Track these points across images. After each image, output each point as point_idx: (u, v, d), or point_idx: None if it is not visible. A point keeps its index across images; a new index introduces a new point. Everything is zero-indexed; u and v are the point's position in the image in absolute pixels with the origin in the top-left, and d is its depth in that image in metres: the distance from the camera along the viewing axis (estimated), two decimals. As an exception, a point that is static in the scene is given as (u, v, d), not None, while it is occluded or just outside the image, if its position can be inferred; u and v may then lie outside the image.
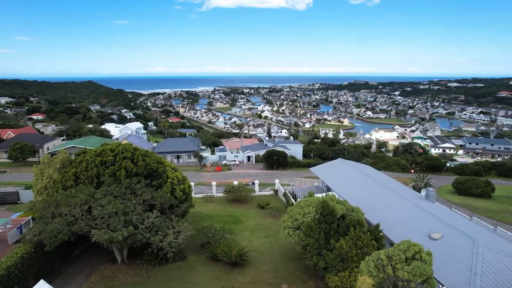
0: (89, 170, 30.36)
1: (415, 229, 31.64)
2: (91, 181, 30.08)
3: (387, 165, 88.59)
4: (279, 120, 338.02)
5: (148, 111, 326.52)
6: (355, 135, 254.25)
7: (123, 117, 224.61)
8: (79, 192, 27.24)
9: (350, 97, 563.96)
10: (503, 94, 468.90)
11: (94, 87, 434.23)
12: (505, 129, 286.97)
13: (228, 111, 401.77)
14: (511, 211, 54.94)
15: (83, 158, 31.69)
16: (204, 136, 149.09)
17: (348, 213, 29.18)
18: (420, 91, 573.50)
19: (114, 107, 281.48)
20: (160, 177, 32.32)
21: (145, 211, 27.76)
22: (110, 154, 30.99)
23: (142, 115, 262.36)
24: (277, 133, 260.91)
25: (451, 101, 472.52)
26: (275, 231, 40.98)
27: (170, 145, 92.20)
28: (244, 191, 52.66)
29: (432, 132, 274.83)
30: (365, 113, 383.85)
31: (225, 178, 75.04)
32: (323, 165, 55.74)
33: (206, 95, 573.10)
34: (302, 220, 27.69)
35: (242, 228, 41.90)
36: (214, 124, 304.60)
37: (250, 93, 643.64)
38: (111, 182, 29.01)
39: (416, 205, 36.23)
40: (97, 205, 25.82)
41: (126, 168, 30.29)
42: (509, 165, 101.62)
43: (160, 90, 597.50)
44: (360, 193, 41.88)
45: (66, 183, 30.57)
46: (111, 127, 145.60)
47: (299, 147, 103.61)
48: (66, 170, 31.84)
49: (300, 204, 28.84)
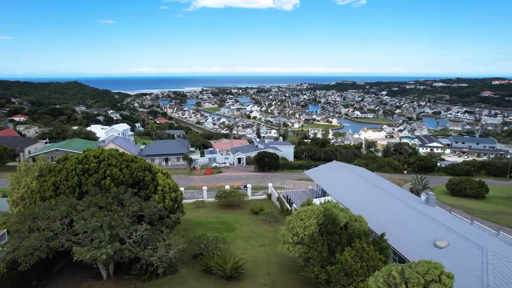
0: (69, 179, 27.87)
1: (419, 237, 30.23)
2: (72, 191, 27.61)
3: (379, 166, 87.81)
4: (268, 120, 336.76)
5: (135, 112, 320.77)
6: (344, 135, 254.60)
7: (109, 119, 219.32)
8: (59, 204, 24.81)
9: (338, 97, 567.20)
10: (486, 93, 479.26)
11: (80, 87, 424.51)
12: (489, 128, 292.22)
13: (217, 111, 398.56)
14: (506, 212, 54.42)
15: (63, 166, 29.16)
16: (193, 138, 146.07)
17: (351, 223, 27.50)
18: (406, 91, 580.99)
19: (100, 108, 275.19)
20: (147, 187, 30.00)
21: (133, 223, 25.49)
22: (93, 161, 28.56)
23: (129, 116, 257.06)
24: (266, 134, 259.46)
25: (437, 101, 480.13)
26: (271, 239, 39.18)
27: (158, 148, 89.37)
28: (236, 195, 50.62)
29: (420, 132, 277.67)
30: (353, 113, 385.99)
31: (216, 181, 72.85)
32: (317, 168, 54.14)
33: (194, 95, 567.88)
34: (303, 234, 25.85)
35: (236, 236, 39.88)
36: (202, 125, 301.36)
37: (239, 93, 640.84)
38: (96, 192, 26.62)
39: (418, 210, 34.88)
40: (80, 218, 23.46)
41: (113, 176, 27.93)
42: (498, 164, 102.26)
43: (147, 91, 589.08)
44: (358, 198, 40.38)
45: (44, 193, 28.02)
46: (97, 129, 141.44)
47: (290, 148, 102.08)
48: (45, 179, 29.26)
49: (300, 215, 27.00)
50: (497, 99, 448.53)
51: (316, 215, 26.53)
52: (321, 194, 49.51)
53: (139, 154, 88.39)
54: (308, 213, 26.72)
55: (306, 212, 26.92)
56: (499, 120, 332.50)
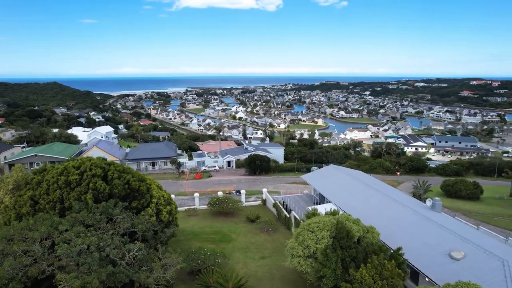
0: (50, 192, 24.73)
1: (432, 247, 28.48)
2: (53, 206, 24.48)
3: (371, 167, 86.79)
4: (253, 121, 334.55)
5: (118, 113, 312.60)
6: (331, 135, 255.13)
7: (91, 120, 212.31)
8: (39, 223, 21.72)
9: (322, 97, 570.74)
10: (465, 93, 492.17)
11: (60, 88, 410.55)
12: (470, 127, 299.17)
13: (202, 112, 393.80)
14: (503, 214, 53.80)
15: (42, 178, 25.98)
16: (179, 140, 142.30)
17: (364, 235, 25.44)
18: (389, 91, 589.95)
19: (82, 110, 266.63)
20: (143, 197, 27.13)
21: (125, 242, 22.63)
22: (74, 172, 25.47)
23: (112, 118, 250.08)
24: (252, 135, 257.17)
25: (419, 101, 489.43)
26: (271, 250, 36.87)
27: (144, 151, 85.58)
28: (230, 202, 48.03)
29: (404, 131, 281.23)
30: (338, 113, 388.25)
31: (206, 186, 69.96)
32: (314, 173, 52.14)
33: (178, 96, 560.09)
34: (315, 247, 23.60)
35: (233, 247, 37.34)
36: (187, 126, 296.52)
37: (223, 93, 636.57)
38: (81, 207, 23.60)
39: (426, 217, 33.25)
40: (62, 240, 20.47)
41: (96, 189, 24.90)
42: (485, 164, 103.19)
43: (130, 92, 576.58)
44: (361, 204, 38.52)
45: (20, 209, 24.77)
46: (79, 132, 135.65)
47: (280, 150, 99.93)
48: (21, 193, 25.97)
49: (310, 227, 24.74)
50: (475, 98, 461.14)
51: (328, 228, 24.33)
52: (318, 200, 47.52)
53: (124, 158, 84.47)
54: (320, 225, 24.49)
55: (318, 224, 24.68)
56: (478, 119, 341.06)
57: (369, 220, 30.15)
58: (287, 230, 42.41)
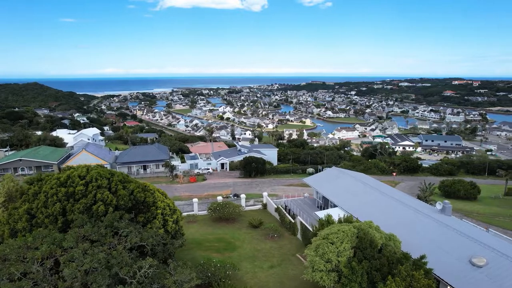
0: (49, 205, 22.58)
1: (451, 254, 27.56)
2: (53, 220, 22.34)
3: (366, 167, 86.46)
4: (241, 121, 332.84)
5: (103, 114, 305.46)
6: (319, 135, 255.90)
7: (76, 122, 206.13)
8: (38, 240, 19.65)
9: (309, 97, 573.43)
10: (448, 93, 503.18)
11: (41, 89, 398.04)
12: (454, 126, 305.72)
13: (189, 113, 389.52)
14: (503, 214, 53.94)
15: (39, 189, 23.78)
16: (169, 142, 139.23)
17: (386, 243, 24.28)
18: (374, 91, 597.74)
19: (65, 111, 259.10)
20: (148, 210, 25.22)
21: (134, 258, 20.76)
22: (79, 183, 23.40)
23: (97, 119, 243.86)
24: (241, 135, 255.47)
25: (404, 100, 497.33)
26: (279, 258, 35.42)
27: (135, 154, 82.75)
28: (231, 207, 46.37)
29: (391, 130, 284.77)
30: (325, 113, 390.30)
31: (202, 190, 67.95)
32: (317, 175, 50.97)
33: (164, 96, 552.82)
34: (337, 260, 22.27)
35: (239, 256, 35.72)
36: (174, 127, 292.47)
37: (210, 94, 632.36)
38: (85, 221, 21.58)
39: (439, 221, 32.44)
40: (68, 259, 18.49)
41: (104, 201, 22.93)
42: (476, 163, 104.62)
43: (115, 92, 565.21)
44: (369, 209, 37.47)
45: (16, 225, 22.52)
46: (64, 134, 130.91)
47: (273, 151, 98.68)
48: (16, 206, 23.70)
49: (330, 238, 23.38)
50: (457, 98, 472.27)
51: (349, 238, 23.05)
52: (322, 203, 46.37)
53: (114, 162, 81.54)
54: (340, 236, 23.17)
55: (337, 234, 23.35)
56: (461, 118, 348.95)
57: (381, 226, 29.05)
58: (292, 236, 41.08)
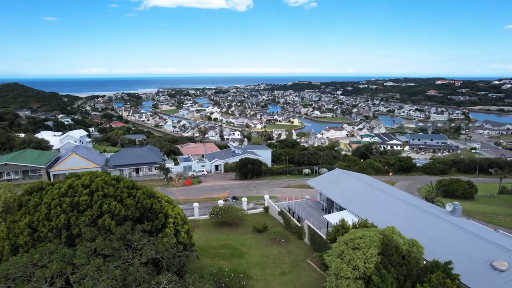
0: (53, 218, 20.74)
1: (471, 257, 26.93)
2: (57, 234, 20.51)
3: (361, 168, 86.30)
4: (229, 121, 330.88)
5: (88, 115, 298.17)
6: (308, 135, 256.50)
7: (60, 124, 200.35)
8: (46, 257, 17.86)
9: (296, 97, 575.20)
10: (431, 92, 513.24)
11: (22, 89, 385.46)
12: (439, 124, 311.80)
13: (175, 113, 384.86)
14: (503, 213, 54.33)
15: (40, 199, 21.88)
16: (158, 143, 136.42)
17: (409, 249, 23.41)
18: (360, 90, 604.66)
19: (48, 112, 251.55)
20: (156, 217, 23.59)
21: (150, 274, 19.21)
22: (83, 192, 21.62)
23: (82, 120, 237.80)
24: (230, 136, 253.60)
25: (389, 99, 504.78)
26: (290, 264, 34.25)
27: (127, 157, 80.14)
28: (233, 211, 44.97)
29: (378, 130, 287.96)
30: (313, 113, 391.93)
31: (198, 193, 66.21)
32: (321, 177, 50.06)
33: (150, 97, 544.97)
34: (365, 267, 21.25)
35: (248, 263, 34.38)
36: (162, 128, 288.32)
37: (196, 94, 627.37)
38: (94, 234, 19.87)
39: (452, 223, 31.89)
40: (81, 277, 16.82)
41: (111, 212, 21.23)
42: (466, 161, 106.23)
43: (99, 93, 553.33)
44: (380, 212, 36.67)
45: (17, 240, 20.61)
46: (49, 136, 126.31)
47: (268, 152, 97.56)
48: (15, 219, 21.75)
49: (355, 243, 22.34)
50: (441, 97, 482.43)
51: (376, 244, 22.07)
52: (326, 206, 45.47)
53: (105, 165, 78.82)
54: (366, 241, 22.15)
55: (363, 239, 22.33)
56: (445, 117, 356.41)
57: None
58: (299, 240, 39.98)
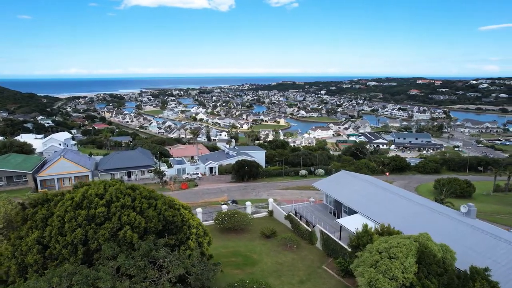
0: (67, 232, 18.62)
1: (503, 265, 26.14)
2: (72, 251, 18.41)
3: (357, 168, 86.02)
4: (215, 122, 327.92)
5: (69, 117, 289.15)
6: (296, 135, 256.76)
7: (40, 126, 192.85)
8: (65, 279, 15.80)
9: (280, 97, 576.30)
10: (413, 92, 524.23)
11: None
12: (422, 123, 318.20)
13: (160, 114, 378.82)
14: (504, 212, 54.71)
15: (49, 212, 19.67)
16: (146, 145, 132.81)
17: (444, 255, 22.44)
18: (343, 90, 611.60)
19: (27, 114, 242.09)
20: (180, 230, 21.74)
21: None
22: (99, 203, 19.57)
23: (63, 122, 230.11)
24: (216, 136, 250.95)
25: (372, 99, 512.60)
26: (306, 271, 32.87)
27: (118, 160, 76.95)
28: (239, 216, 43.30)
29: (364, 129, 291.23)
30: (298, 112, 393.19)
31: (196, 197, 64.08)
32: (327, 180, 49.01)
33: (133, 97, 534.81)
34: (403, 278, 20.08)
35: (263, 271, 32.80)
36: (146, 129, 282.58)
37: (180, 94, 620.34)
38: (115, 250, 17.88)
39: (472, 226, 31.30)
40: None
41: (131, 224, 19.28)
42: (457, 160, 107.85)
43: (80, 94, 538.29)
44: (395, 215, 35.74)
45: (25, 258, 18.36)
46: (30, 139, 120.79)
47: (261, 153, 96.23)
48: (21, 235, 19.46)
49: (390, 252, 21.14)
50: (422, 97, 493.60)
51: (413, 252, 20.95)
52: (334, 209, 44.43)
53: (95, 169, 75.52)
54: (403, 250, 20.99)
55: (399, 248, 21.15)
56: (427, 116, 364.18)
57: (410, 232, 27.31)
58: (310, 246, 38.70)
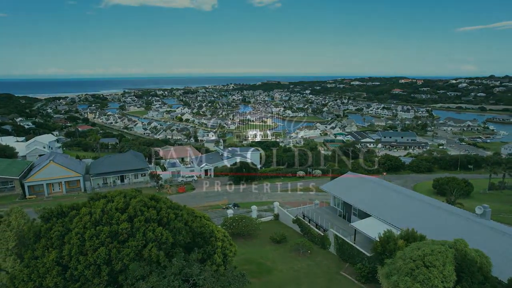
0: (89, 251, 16.78)
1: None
2: (96, 272, 16.58)
3: (353, 168, 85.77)
4: (202, 122, 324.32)
5: (50, 118, 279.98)
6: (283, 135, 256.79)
7: (19, 128, 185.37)
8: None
9: (265, 96, 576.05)
10: (396, 91, 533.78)
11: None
12: (407, 122, 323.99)
13: (145, 115, 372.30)
14: (505, 211, 55.28)
15: (65, 229, 17.74)
16: (135, 147, 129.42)
17: (481, 261, 21.69)
18: (328, 90, 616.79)
19: (5, 116, 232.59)
20: (207, 243, 20.16)
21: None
22: (121, 218, 17.77)
23: (44, 124, 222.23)
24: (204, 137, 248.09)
25: (356, 98, 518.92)
26: (325, 278, 31.77)
27: (110, 164, 73.90)
28: (247, 221, 41.89)
29: (350, 128, 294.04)
30: (285, 112, 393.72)
31: (195, 201, 62.16)
32: (334, 182, 48.05)
33: (116, 98, 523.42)
34: (443, 287, 19.16)
35: (279, 280, 31.51)
36: (131, 130, 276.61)
37: (164, 95, 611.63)
38: (145, 271, 16.17)
39: (492, 228, 30.94)
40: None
41: (158, 240, 17.58)
42: (447, 158, 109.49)
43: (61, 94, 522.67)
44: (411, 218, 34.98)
45: (43, 281, 16.43)
46: (11, 142, 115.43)
47: (256, 154, 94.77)
48: (35, 254, 17.47)
49: (426, 261, 20.15)
50: (405, 96, 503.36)
51: (450, 260, 20.08)
52: (343, 212, 43.56)
53: (87, 173, 72.42)
54: (439, 258, 20.07)
55: (435, 256, 20.22)
56: (411, 114, 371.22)
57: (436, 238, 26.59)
58: (323, 250, 37.67)
